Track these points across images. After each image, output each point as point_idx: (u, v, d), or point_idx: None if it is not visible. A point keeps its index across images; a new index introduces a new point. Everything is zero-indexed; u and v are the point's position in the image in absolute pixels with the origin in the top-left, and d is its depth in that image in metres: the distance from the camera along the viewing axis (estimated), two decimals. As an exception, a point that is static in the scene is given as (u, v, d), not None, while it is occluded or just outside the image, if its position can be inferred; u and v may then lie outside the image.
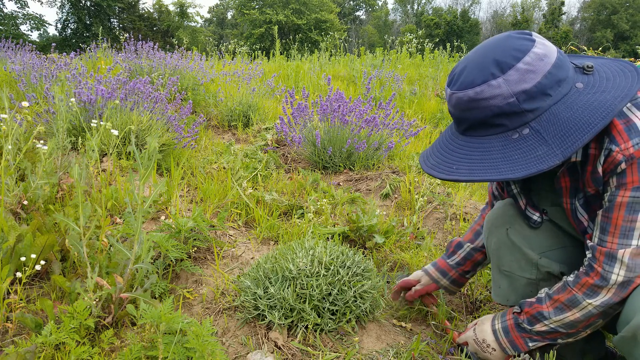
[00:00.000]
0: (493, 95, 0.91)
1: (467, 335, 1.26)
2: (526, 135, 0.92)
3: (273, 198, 2.39)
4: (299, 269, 1.43)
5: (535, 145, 0.90)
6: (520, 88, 0.90)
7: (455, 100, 0.97)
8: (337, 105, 3.11)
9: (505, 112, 0.92)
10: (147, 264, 1.25)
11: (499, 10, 54.34)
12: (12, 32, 26.69)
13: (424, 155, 1.10)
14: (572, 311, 1.03)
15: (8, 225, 1.45)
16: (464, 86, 0.95)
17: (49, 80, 3.74)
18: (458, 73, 0.98)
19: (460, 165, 0.98)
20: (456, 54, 9.56)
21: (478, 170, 0.94)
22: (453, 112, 1.01)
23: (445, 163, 1.01)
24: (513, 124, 0.93)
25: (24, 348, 1.08)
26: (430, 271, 1.49)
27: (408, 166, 2.95)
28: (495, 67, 0.91)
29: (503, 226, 1.24)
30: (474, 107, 0.94)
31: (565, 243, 1.18)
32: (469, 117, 0.97)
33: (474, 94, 0.93)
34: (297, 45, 11.67)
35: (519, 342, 1.13)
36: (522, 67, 0.90)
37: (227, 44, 9.80)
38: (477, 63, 0.95)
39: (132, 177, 1.20)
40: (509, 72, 0.90)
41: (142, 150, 2.17)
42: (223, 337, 1.37)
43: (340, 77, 7.07)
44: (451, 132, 1.07)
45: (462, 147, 1.00)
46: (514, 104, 0.91)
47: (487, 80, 0.91)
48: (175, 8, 38.79)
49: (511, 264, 1.22)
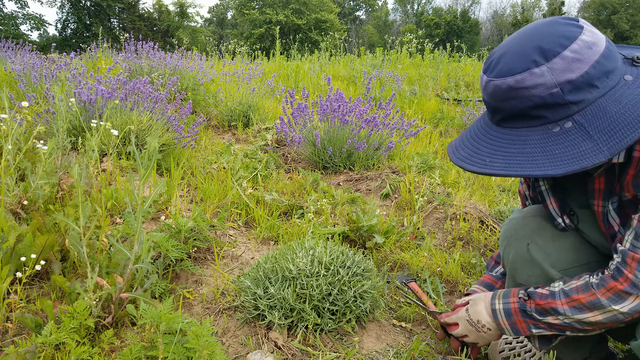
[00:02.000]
0: (535, 85, 0.84)
1: (459, 316, 1.21)
2: (569, 129, 0.85)
3: (273, 198, 2.39)
4: (299, 269, 1.43)
5: (579, 140, 0.83)
6: (565, 78, 0.83)
7: (492, 88, 0.90)
8: (337, 105, 3.11)
9: (547, 103, 0.85)
10: (147, 264, 1.25)
11: (499, 10, 54.38)
12: (12, 32, 26.69)
13: (453, 146, 1.02)
14: (593, 313, 0.97)
15: (8, 225, 1.45)
16: (502, 73, 0.88)
17: (49, 80, 3.74)
18: (496, 59, 0.91)
19: (495, 158, 0.90)
20: (456, 54, 9.56)
21: (515, 165, 0.87)
22: (488, 101, 0.94)
23: (477, 155, 0.94)
24: (555, 116, 0.86)
25: (24, 348, 1.08)
26: (476, 289, 1.35)
27: (408, 166, 2.95)
28: (539, 54, 0.84)
29: (524, 240, 1.16)
30: (512, 97, 0.88)
31: (588, 259, 1.11)
32: (506, 107, 0.90)
33: (514, 82, 0.86)
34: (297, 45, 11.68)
35: (521, 327, 1.08)
36: (569, 55, 0.83)
37: (227, 44, 9.81)
38: (518, 49, 0.88)
39: (132, 177, 1.20)
40: (554, 60, 0.83)
41: (142, 150, 2.17)
42: (223, 337, 1.37)
43: (340, 77, 7.07)
44: (484, 122, 1.00)
45: (496, 138, 0.93)
46: (558, 95, 0.84)
47: (529, 68, 0.84)
48: (175, 8, 38.80)
49: (528, 279, 1.15)
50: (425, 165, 3.05)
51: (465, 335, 1.22)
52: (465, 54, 9.88)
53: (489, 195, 2.72)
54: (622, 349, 1.44)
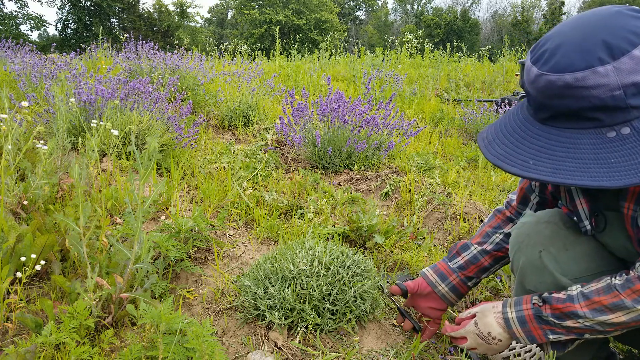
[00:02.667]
0: (597, 85, 0.76)
1: (468, 330, 1.17)
2: (626, 135, 0.78)
3: (273, 198, 2.39)
4: (299, 269, 1.43)
5: (638, 149, 0.76)
6: (631, 80, 0.76)
7: (543, 83, 0.81)
8: (337, 105, 3.11)
9: (607, 105, 0.77)
10: (147, 264, 1.25)
11: (499, 10, 54.36)
12: (12, 32, 26.69)
13: (486, 139, 0.93)
14: (616, 314, 0.93)
15: (8, 225, 1.45)
16: (559, 68, 0.79)
17: (49, 80, 3.74)
18: (551, 50, 0.82)
19: (540, 161, 0.83)
20: (456, 54, 9.57)
21: (563, 171, 0.80)
22: (535, 97, 0.86)
23: (518, 155, 0.86)
24: (611, 120, 0.79)
25: (24, 348, 1.08)
26: (428, 273, 1.35)
27: (408, 166, 2.95)
28: (605, 51, 0.76)
29: (536, 247, 1.10)
30: (568, 95, 0.79)
31: (601, 267, 1.05)
32: (557, 106, 0.82)
33: (573, 80, 0.78)
34: (297, 45, 11.67)
35: (537, 334, 1.03)
36: (638, 54, 0.75)
37: (227, 44, 9.81)
38: (578, 42, 0.79)
39: (132, 177, 1.20)
40: (622, 60, 0.75)
41: (142, 150, 2.17)
42: (223, 337, 1.37)
43: (340, 77, 7.07)
44: (523, 116, 0.91)
45: (540, 138, 0.85)
46: (620, 98, 0.76)
47: (593, 66, 0.76)
48: (175, 8, 38.81)
49: (538, 285, 1.10)
50: (425, 165, 3.05)
51: (473, 347, 1.18)
52: (465, 54, 9.89)
53: (489, 195, 2.72)
54: (622, 349, 1.44)
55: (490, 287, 1.77)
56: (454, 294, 1.33)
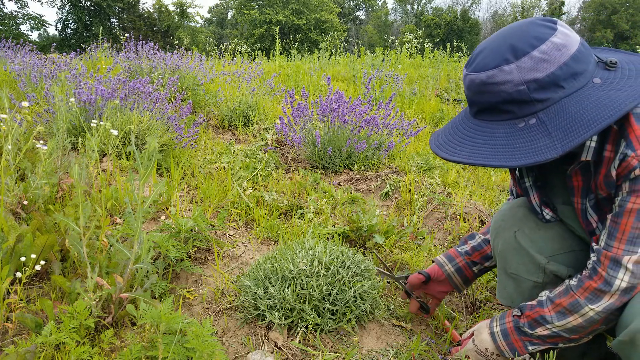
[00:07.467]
0: (504, 81, 0.90)
1: (468, 349, 1.23)
2: (532, 125, 0.91)
3: (273, 198, 2.39)
4: (299, 269, 1.43)
5: (539, 136, 0.89)
6: (531, 76, 0.89)
7: (468, 81, 0.97)
8: (337, 105, 3.11)
9: (514, 99, 0.91)
10: (147, 264, 1.25)
11: (499, 10, 54.36)
12: (12, 32, 26.67)
13: (436, 134, 1.09)
14: (574, 316, 1.01)
15: (8, 225, 1.45)
16: (478, 68, 0.94)
17: (49, 80, 3.74)
18: (476, 55, 0.97)
19: (463, 147, 0.97)
20: (456, 54, 9.56)
21: (478, 155, 0.94)
22: (467, 94, 1.01)
23: (451, 144, 1.01)
24: (521, 112, 0.92)
25: (24, 348, 1.08)
26: (439, 258, 1.47)
27: (408, 166, 2.95)
28: (510, 53, 0.90)
29: (511, 228, 1.21)
30: (485, 91, 0.94)
31: (573, 247, 1.16)
32: (480, 100, 0.97)
33: (486, 78, 0.92)
34: (297, 45, 11.67)
35: (518, 345, 1.11)
36: (537, 55, 0.88)
37: (227, 44, 9.80)
38: (494, 47, 0.94)
39: (132, 177, 1.20)
40: (523, 59, 0.89)
41: (142, 150, 2.17)
42: (223, 337, 1.37)
43: (340, 77, 7.06)
44: (464, 114, 1.06)
45: (470, 129, 1.00)
46: (524, 92, 0.90)
47: (500, 65, 0.90)
48: (175, 8, 38.79)
49: (518, 267, 1.19)
50: (425, 165, 3.05)
51: None
52: (465, 54, 9.88)
53: (489, 195, 2.72)
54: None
55: (490, 287, 1.77)
56: (459, 276, 1.42)
